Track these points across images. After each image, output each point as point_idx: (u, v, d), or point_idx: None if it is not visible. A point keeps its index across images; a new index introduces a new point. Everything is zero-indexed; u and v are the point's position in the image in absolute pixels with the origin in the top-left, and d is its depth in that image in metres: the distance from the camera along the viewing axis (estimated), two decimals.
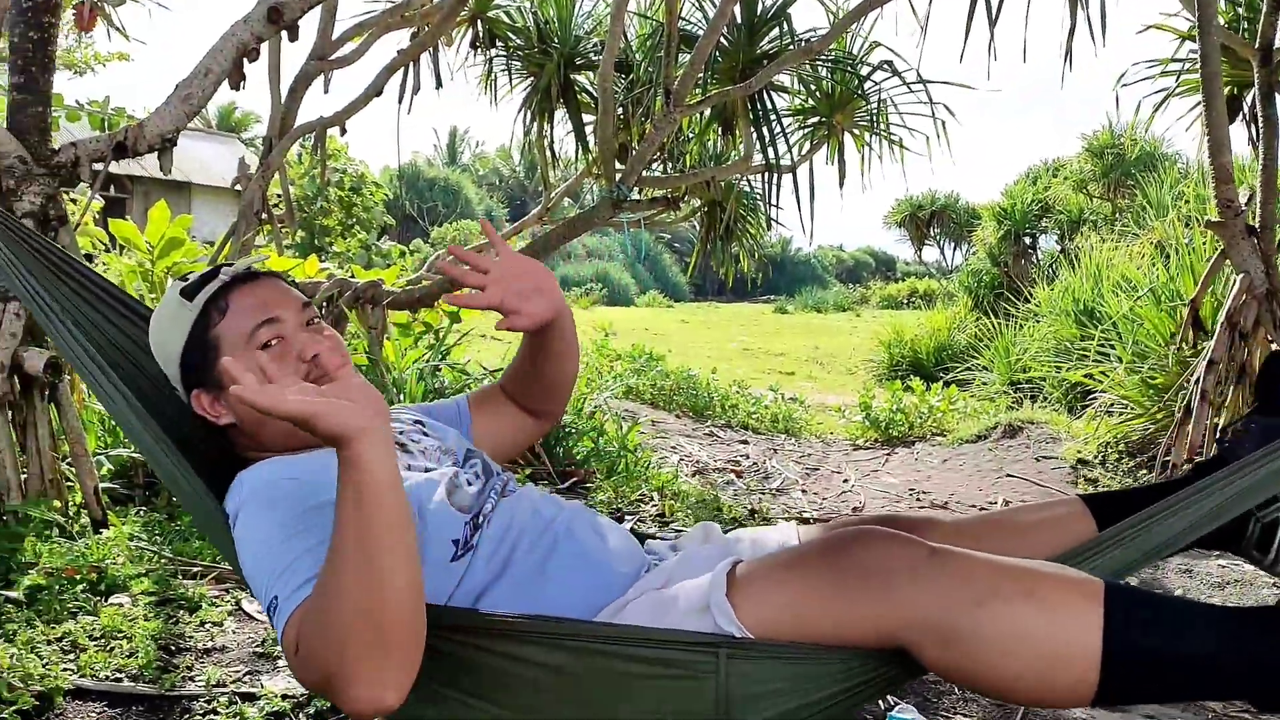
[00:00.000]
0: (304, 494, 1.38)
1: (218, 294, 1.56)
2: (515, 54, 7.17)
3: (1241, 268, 4.17)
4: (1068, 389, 9.96)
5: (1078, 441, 8.22)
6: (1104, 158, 14.62)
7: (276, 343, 1.54)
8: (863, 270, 45.45)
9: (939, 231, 21.71)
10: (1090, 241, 14.12)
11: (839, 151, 6.03)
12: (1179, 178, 13.79)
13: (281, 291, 1.60)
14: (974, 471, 8.38)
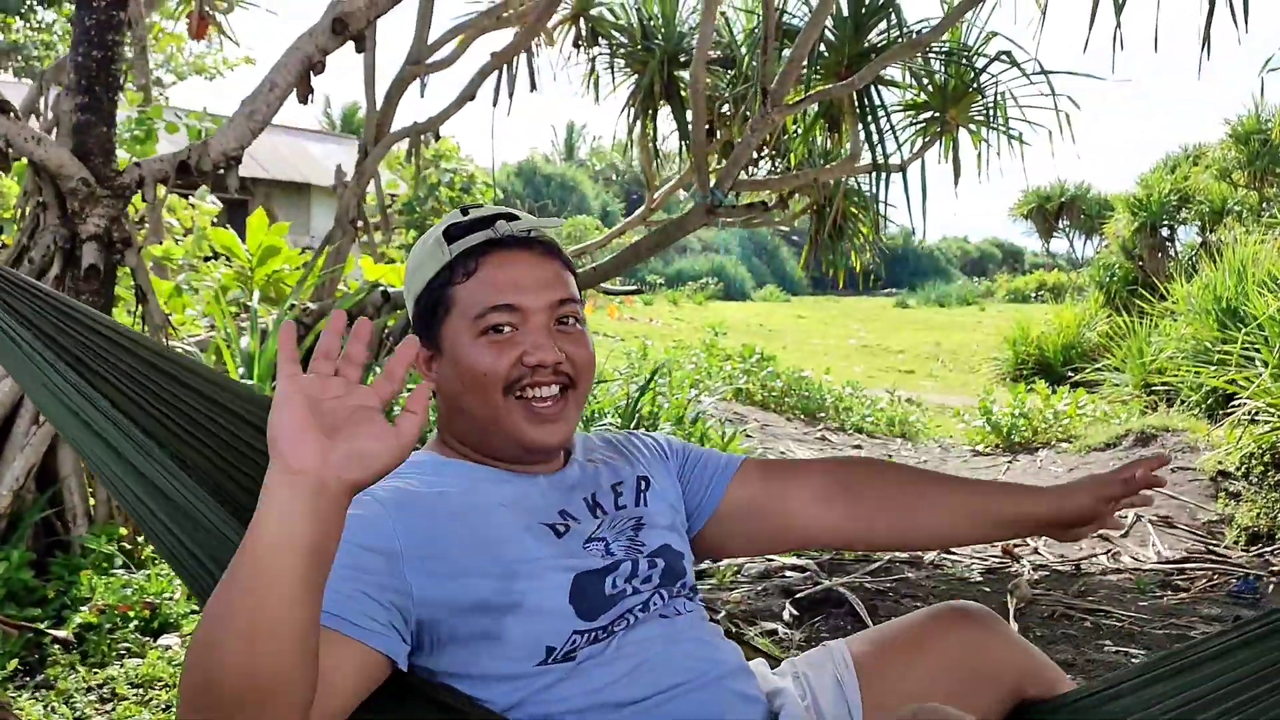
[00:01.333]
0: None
1: (476, 250, 1.32)
2: (618, 51, 7.05)
3: None
4: (1207, 394, 9.33)
5: (1218, 452, 7.69)
6: (1249, 144, 13.71)
7: (508, 331, 1.29)
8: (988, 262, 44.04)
9: (1068, 223, 20.77)
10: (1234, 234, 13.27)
11: (953, 147, 5.69)
12: None
13: (543, 274, 1.32)
14: None
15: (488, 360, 1.27)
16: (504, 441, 1.31)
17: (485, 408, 1.29)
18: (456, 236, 1.32)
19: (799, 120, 5.97)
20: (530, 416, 1.29)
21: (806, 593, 3.45)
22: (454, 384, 1.31)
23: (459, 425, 1.34)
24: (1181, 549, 5.67)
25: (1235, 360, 8.41)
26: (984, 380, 13.88)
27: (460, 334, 1.29)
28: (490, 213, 1.34)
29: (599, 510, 1.35)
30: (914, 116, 5.87)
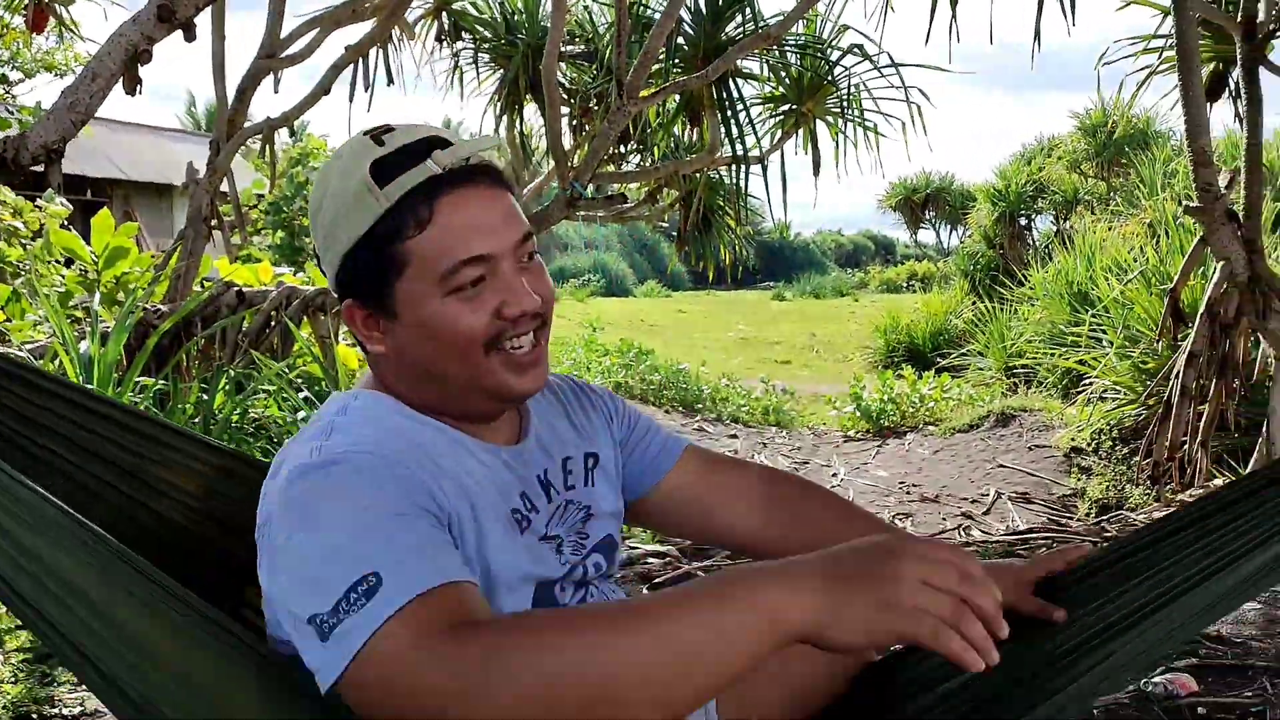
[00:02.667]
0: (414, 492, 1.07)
1: (423, 192, 1.11)
2: (482, 46, 7.01)
3: (1222, 255, 3.98)
4: (1061, 375, 9.76)
5: (1071, 429, 8.05)
6: (1096, 136, 14.39)
7: (480, 284, 1.13)
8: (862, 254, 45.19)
9: (934, 214, 21.48)
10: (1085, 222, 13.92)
11: (812, 139, 5.84)
12: (1171, 155, 13.58)
13: (502, 210, 1.15)
14: (965, 462, 8.21)
15: (465, 321, 1.12)
16: (482, 399, 1.19)
17: (466, 369, 1.15)
18: (388, 175, 1.11)
19: (661, 113, 6.03)
20: (513, 368, 1.16)
21: (665, 578, 3.51)
22: (422, 348, 1.15)
23: (428, 390, 1.19)
24: (1039, 523, 5.92)
25: (1085, 342, 8.84)
26: (856, 368, 14.23)
27: (425, 294, 1.12)
28: (415, 137, 1.14)
29: (551, 491, 1.27)
30: (772, 109, 6.00)
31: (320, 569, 0.97)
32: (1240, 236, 4.00)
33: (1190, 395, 4.02)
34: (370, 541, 0.97)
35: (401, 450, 1.11)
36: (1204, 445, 4.12)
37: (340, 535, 0.98)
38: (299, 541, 1.01)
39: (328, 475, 1.04)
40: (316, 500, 1.02)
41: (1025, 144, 16.67)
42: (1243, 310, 3.93)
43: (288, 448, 1.15)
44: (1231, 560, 1.04)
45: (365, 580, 0.93)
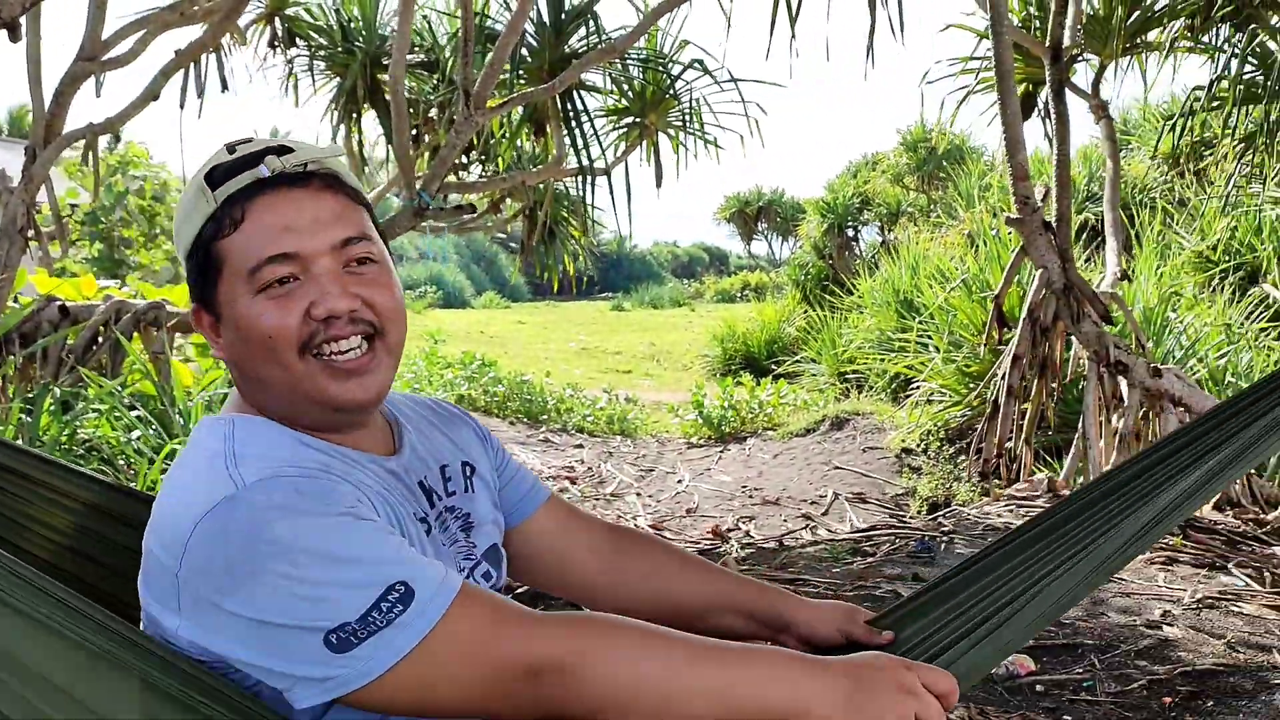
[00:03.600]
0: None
1: (242, 194, 1.13)
2: (318, 53, 6.84)
3: (1040, 263, 4.26)
4: (890, 379, 10.21)
5: (901, 431, 8.42)
6: (918, 151, 15.12)
7: (289, 284, 1.12)
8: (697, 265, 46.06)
9: (766, 226, 22.13)
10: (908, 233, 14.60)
11: (655, 151, 5.94)
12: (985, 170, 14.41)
13: (321, 211, 1.14)
14: (804, 465, 8.48)
15: (272, 319, 1.11)
16: (312, 407, 1.15)
17: (282, 373, 1.13)
18: (220, 180, 1.13)
19: (505, 124, 6.02)
20: (332, 374, 1.13)
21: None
22: (241, 350, 1.15)
23: (261, 396, 1.17)
24: (874, 520, 6.17)
25: (912, 347, 9.28)
26: (696, 376, 14.49)
27: (237, 294, 1.13)
28: (259, 148, 1.15)
29: (434, 497, 1.26)
30: (616, 122, 6.08)
31: (325, 588, 0.97)
32: (1055, 246, 4.28)
33: (1015, 395, 4.29)
34: (369, 547, 1.00)
35: (318, 465, 1.10)
36: (1027, 442, 4.40)
37: (329, 549, 0.98)
38: (279, 568, 0.97)
39: (271, 498, 1.01)
40: (274, 525, 0.99)
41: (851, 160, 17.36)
42: (1059, 315, 4.21)
43: (179, 489, 1.09)
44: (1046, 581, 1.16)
45: (393, 589, 0.97)
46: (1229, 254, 9.47)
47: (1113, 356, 4.12)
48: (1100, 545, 1.18)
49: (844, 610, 1.33)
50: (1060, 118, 5.19)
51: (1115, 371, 4.17)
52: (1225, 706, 2.33)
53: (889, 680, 1.00)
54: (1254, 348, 7.85)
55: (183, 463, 1.14)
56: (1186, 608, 3.09)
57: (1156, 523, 1.20)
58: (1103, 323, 4.20)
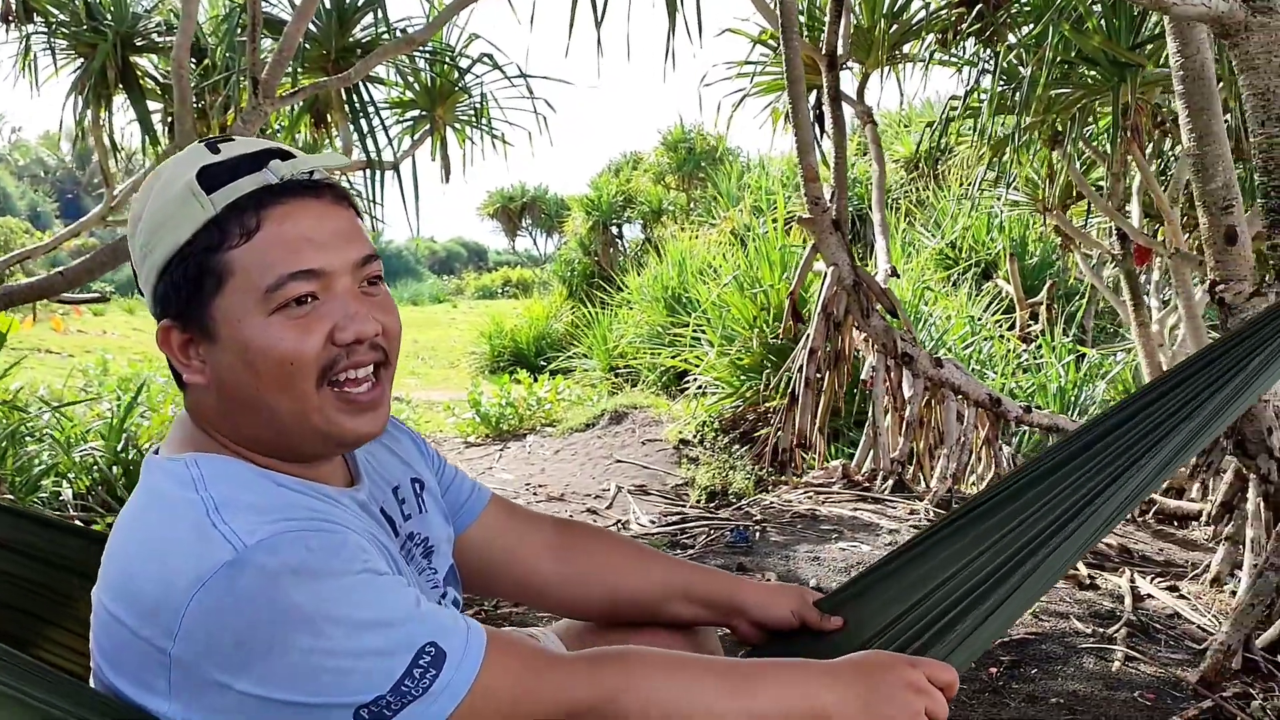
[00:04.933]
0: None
1: (251, 200, 1.00)
2: (58, 31, 6.26)
3: (831, 260, 4.48)
4: (662, 373, 10.46)
5: (678, 423, 8.65)
6: (678, 151, 15.55)
7: (309, 304, 1.01)
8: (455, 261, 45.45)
9: (531, 222, 22.16)
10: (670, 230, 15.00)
11: (443, 145, 5.81)
12: (743, 171, 15.03)
13: (341, 226, 1.04)
14: (585, 460, 8.54)
15: (291, 342, 0.99)
16: (314, 440, 1.05)
17: (292, 402, 1.01)
18: (217, 183, 1.00)
19: (282, 115, 5.72)
20: (346, 407, 1.04)
21: None
22: (242, 375, 1.01)
23: (249, 426, 1.04)
24: (655, 512, 6.29)
25: (687, 341, 9.55)
26: (465, 374, 14.31)
27: (246, 311, 1.00)
28: (255, 148, 1.03)
29: (396, 526, 1.18)
30: (401, 115, 5.90)
31: (353, 659, 0.89)
32: (845, 244, 4.51)
33: (812, 387, 4.49)
34: (393, 608, 0.93)
35: (307, 512, 0.99)
36: (821, 431, 4.62)
37: (353, 614, 0.90)
38: (301, 642, 0.87)
39: (282, 560, 0.90)
40: (291, 592, 0.88)
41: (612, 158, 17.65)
42: (849, 310, 4.44)
43: (153, 550, 0.95)
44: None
45: (424, 653, 0.91)
46: (966, 251, 10.31)
47: (899, 349, 4.39)
48: (1028, 533, 1.22)
49: (794, 592, 1.36)
50: (838, 122, 5.46)
51: (901, 363, 4.44)
52: (1045, 672, 2.54)
53: (899, 679, 1.03)
54: (993, 338, 8.60)
55: (145, 515, 0.99)
56: None
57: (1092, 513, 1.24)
58: (889, 317, 4.46)
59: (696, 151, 15.18)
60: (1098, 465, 1.23)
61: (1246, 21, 2.25)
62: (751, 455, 8.13)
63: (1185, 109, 3.24)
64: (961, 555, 1.23)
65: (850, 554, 3.59)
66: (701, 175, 15.40)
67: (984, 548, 1.22)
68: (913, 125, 12.70)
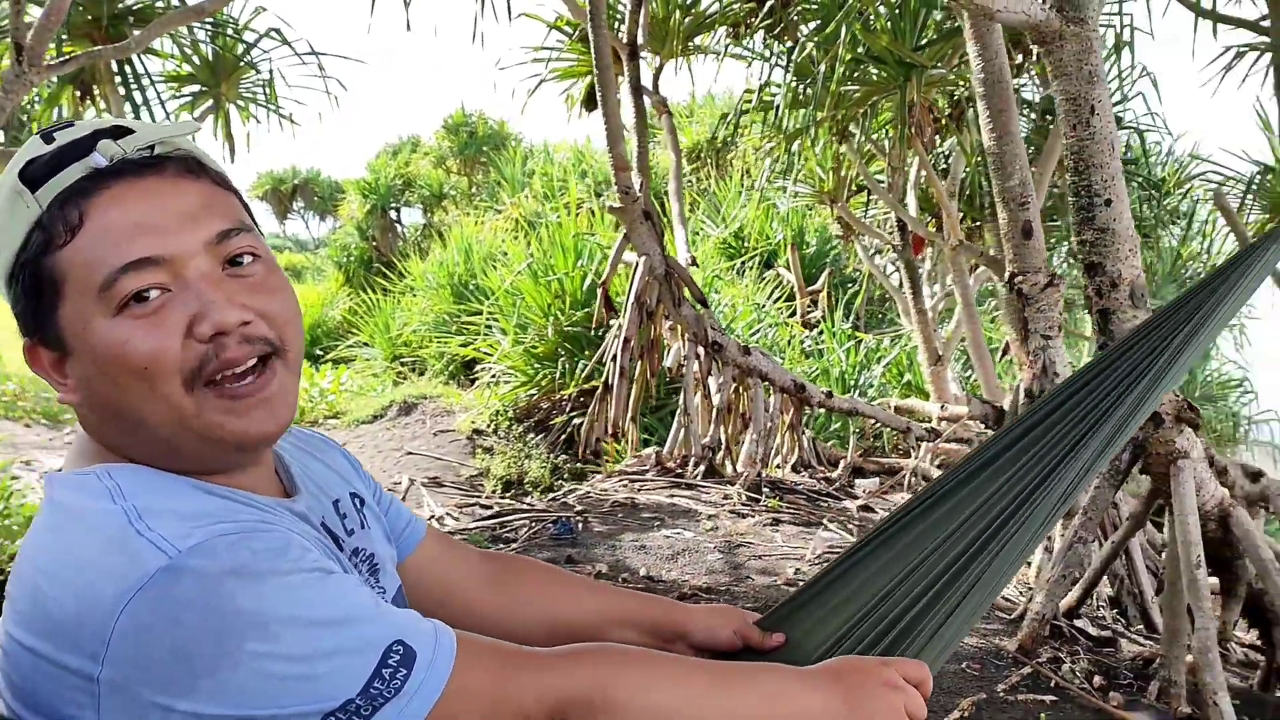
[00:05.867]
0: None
1: (75, 191, 0.86)
2: None
3: (643, 250, 4.50)
4: (450, 361, 10.25)
5: (471, 413, 8.50)
6: (459, 135, 15.28)
7: (157, 297, 0.86)
8: None
9: (304, 204, 21.20)
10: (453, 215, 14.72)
11: (226, 123, 5.44)
12: (526, 156, 14.92)
13: (186, 201, 0.89)
14: (376, 452, 8.27)
15: (141, 344, 0.86)
16: (204, 446, 0.91)
17: (163, 409, 0.88)
18: (41, 178, 0.87)
19: (41, 86, 5.20)
20: (230, 405, 0.90)
21: None
22: (104, 387, 0.89)
23: (134, 441, 0.91)
24: (451, 504, 6.16)
25: (478, 330, 9.39)
26: None
27: (89, 317, 0.87)
28: (86, 131, 0.89)
29: (339, 541, 1.05)
30: (177, 90, 5.49)
31: (315, 662, 0.79)
32: (656, 234, 4.54)
33: (626, 375, 4.49)
34: (351, 605, 0.83)
35: (246, 516, 0.87)
36: (634, 419, 4.64)
37: (308, 613, 0.80)
38: (252, 647, 0.77)
39: (221, 561, 0.79)
40: (236, 594, 0.78)
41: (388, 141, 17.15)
42: (661, 299, 4.47)
43: (68, 566, 0.82)
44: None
45: (392, 651, 0.82)
46: (749, 241, 10.64)
47: (710, 338, 4.47)
48: (971, 531, 1.22)
49: (734, 613, 1.32)
50: (639, 112, 5.48)
51: (711, 351, 4.52)
52: None
53: (876, 679, 1.02)
54: (777, 324, 8.92)
55: (55, 533, 0.86)
56: (810, 563, 3.45)
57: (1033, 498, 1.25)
58: (699, 306, 4.53)
59: (479, 136, 14.95)
60: (1037, 455, 1.25)
61: (1061, 30, 2.39)
62: (547, 443, 8.11)
63: (986, 110, 3.45)
64: (900, 561, 1.23)
65: (675, 540, 3.63)
66: (484, 160, 15.19)
67: (926, 551, 1.23)
68: (694, 116, 12.98)
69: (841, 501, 4.45)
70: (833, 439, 6.43)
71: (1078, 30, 2.39)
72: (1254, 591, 2.76)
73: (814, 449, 4.96)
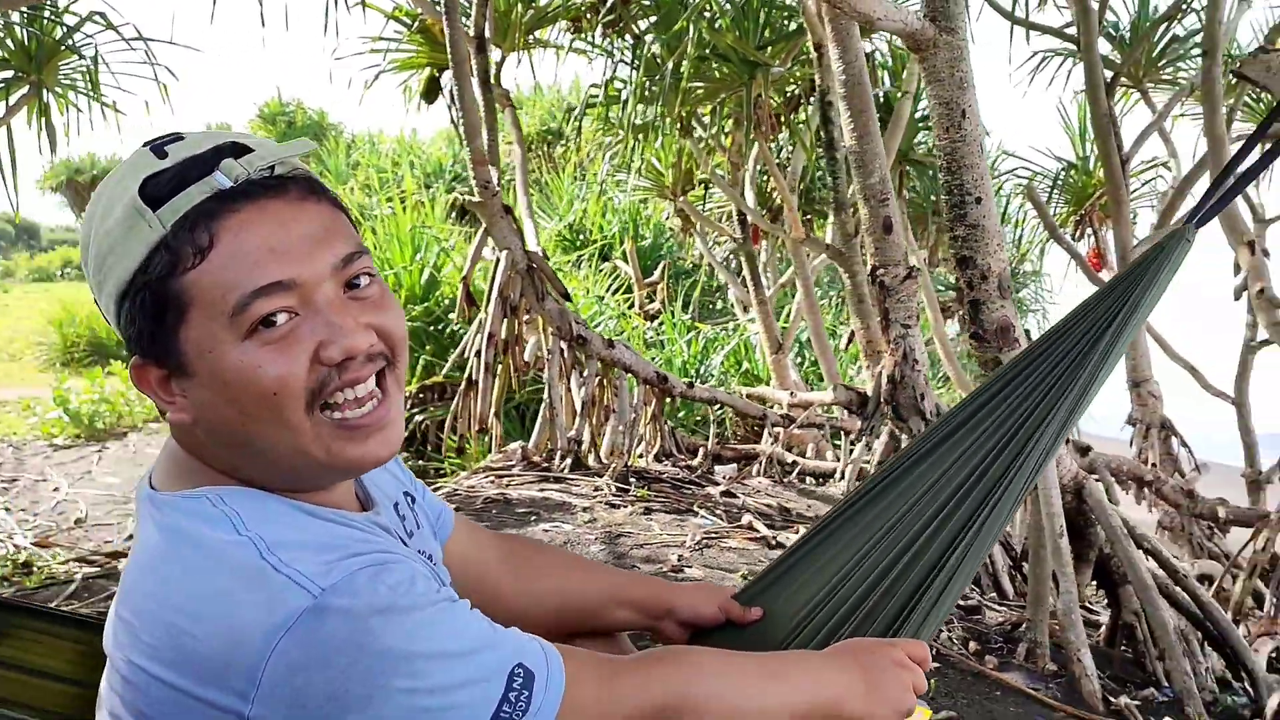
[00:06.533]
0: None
1: (202, 213, 0.86)
2: None
3: (504, 244, 4.49)
4: None
5: None
6: (276, 124, 14.76)
7: (285, 321, 0.87)
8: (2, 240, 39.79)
9: None
10: None
11: (44, 112, 5.09)
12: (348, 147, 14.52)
13: (312, 225, 0.90)
14: None
15: (271, 369, 0.87)
16: (315, 472, 0.93)
17: (285, 434, 0.89)
18: (163, 196, 0.86)
19: None
20: (348, 434, 0.91)
21: None
22: (226, 411, 0.89)
23: (246, 464, 0.92)
24: None
25: None
26: (31, 368, 12.72)
27: (216, 341, 0.87)
28: (205, 147, 0.89)
29: (407, 546, 1.06)
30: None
31: (454, 693, 0.82)
32: (516, 228, 4.54)
33: (491, 371, 4.48)
34: (475, 633, 0.87)
35: (364, 543, 0.89)
36: (498, 415, 4.63)
37: (445, 646, 0.83)
38: (401, 684, 0.80)
39: (365, 599, 0.81)
40: (382, 634, 0.80)
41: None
42: (524, 293, 4.48)
43: (203, 600, 0.83)
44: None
45: (515, 675, 0.86)
46: (586, 233, 10.72)
47: (574, 331, 4.50)
48: (932, 500, 1.29)
49: (716, 590, 1.39)
50: (488, 105, 5.45)
51: (575, 345, 4.56)
52: None
53: (886, 659, 1.09)
54: (618, 316, 9.04)
55: (178, 563, 0.85)
56: (691, 549, 3.54)
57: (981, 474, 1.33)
58: (563, 300, 4.56)
59: (298, 125, 14.46)
60: (995, 423, 1.34)
61: (935, 39, 2.55)
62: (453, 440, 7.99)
63: (847, 110, 3.62)
64: (868, 533, 1.31)
65: (555, 534, 3.65)
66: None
67: (891, 521, 1.30)
68: (524, 109, 12.94)
69: (705, 488, 4.58)
70: (678, 426, 6.59)
71: (950, 39, 2.55)
72: (1103, 556, 3.03)
73: (674, 438, 5.07)
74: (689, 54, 5.26)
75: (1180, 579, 3.09)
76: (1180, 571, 3.13)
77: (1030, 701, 2.61)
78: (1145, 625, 3.01)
